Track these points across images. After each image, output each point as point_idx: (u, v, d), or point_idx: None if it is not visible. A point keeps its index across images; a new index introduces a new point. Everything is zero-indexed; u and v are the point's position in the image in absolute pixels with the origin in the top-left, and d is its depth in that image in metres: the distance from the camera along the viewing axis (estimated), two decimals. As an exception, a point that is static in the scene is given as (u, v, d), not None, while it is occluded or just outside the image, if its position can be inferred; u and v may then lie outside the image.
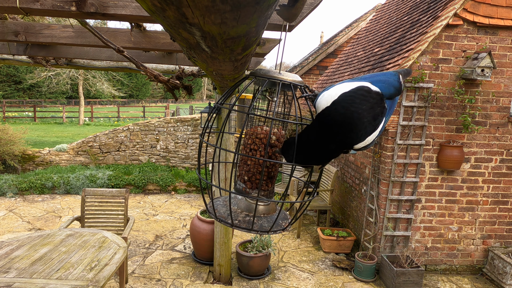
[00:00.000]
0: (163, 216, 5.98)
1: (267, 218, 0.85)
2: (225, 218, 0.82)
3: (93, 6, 1.45)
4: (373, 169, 4.35)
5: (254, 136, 0.85)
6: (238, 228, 0.80)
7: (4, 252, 2.70)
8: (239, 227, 0.79)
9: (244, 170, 0.87)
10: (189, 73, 3.08)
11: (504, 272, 3.91)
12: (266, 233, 0.80)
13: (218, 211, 0.84)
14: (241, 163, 0.89)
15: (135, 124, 8.21)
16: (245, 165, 0.87)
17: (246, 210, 0.85)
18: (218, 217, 0.82)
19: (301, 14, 1.31)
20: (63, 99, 32.05)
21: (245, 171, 0.86)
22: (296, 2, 0.76)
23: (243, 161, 0.88)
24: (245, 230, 0.79)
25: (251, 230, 0.79)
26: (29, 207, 6.15)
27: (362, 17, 8.26)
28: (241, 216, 0.83)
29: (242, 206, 0.86)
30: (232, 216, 0.80)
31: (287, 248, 4.83)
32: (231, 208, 0.80)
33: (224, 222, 0.81)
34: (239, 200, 0.87)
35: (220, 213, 0.84)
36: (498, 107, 4.01)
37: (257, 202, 0.83)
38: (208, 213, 0.85)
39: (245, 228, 0.79)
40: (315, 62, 7.83)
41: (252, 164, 0.86)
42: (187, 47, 0.75)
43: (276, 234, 0.89)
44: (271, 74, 0.79)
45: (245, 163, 0.87)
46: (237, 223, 0.80)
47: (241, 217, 0.83)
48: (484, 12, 3.78)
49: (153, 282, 3.78)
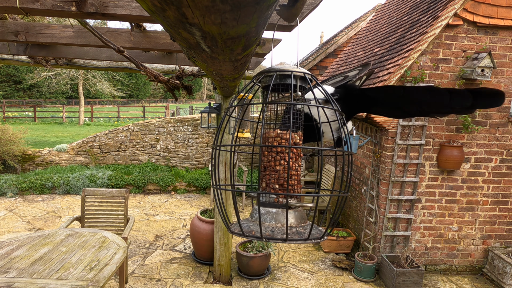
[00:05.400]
0: (163, 216, 5.98)
1: (298, 227, 0.79)
2: (254, 233, 0.75)
3: (93, 6, 1.45)
4: (373, 169, 4.35)
5: (279, 138, 0.81)
6: (272, 240, 0.73)
7: (4, 252, 2.70)
8: (275, 238, 0.73)
9: (273, 178, 0.80)
10: (189, 73, 3.08)
11: (504, 272, 3.90)
12: (303, 241, 0.74)
13: (247, 228, 0.78)
14: (267, 171, 0.81)
15: (135, 124, 8.21)
16: (274, 172, 0.80)
17: (278, 221, 0.78)
18: (247, 234, 0.75)
19: (301, 14, 1.31)
20: (63, 99, 32.04)
21: (275, 179, 0.80)
22: (296, 2, 0.76)
23: (270, 169, 0.81)
24: (280, 241, 0.73)
25: (286, 240, 0.73)
26: (29, 207, 6.14)
27: (362, 17, 8.25)
28: (271, 228, 0.76)
29: (278, 218, 0.79)
30: (261, 229, 0.74)
31: (287, 248, 4.83)
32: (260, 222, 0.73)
33: (253, 237, 0.74)
34: (272, 214, 0.79)
35: (250, 229, 0.77)
36: (498, 107, 4.01)
37: (288, 210, 0.77)
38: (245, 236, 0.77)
39: (280, 239, 0.73)
40: (315, 62, 7.82)
41: (281, 169, 0.80)
42: (187, 47, 0.75)
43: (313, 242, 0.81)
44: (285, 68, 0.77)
45: (273, 169, 0.81)
46: (269, 235, 0.74)
47: (272, 228, 0.76)
48: (484, 12, 3.78)
49: (153, 282, 3.78)
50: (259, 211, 0.75)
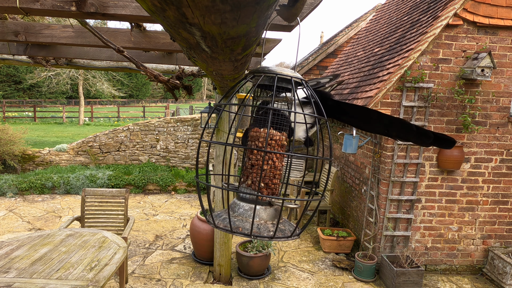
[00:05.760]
0: (163, 216, 5.98)
1: (274, 224, 0.81)
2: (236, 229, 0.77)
3: (93, 6, 1.45)
4: (373, 169, 4.35)
5: (269, 138, 0.82)
6: (259, 237, 0.75)
7: (4, 252, 2.70)
8: (260, 236, 0.75)
9: (259, 177, 0.81)
10: (189, 73, 3.08)
11: (504, 272, 3.91)
12: (286, 239, 0.76)
13: (221, 222, 0.80)
14: (254, 169, 0.83)
15: (135, 124, 8.21)
16: (260, 171, 0.81)
17: (265, 218, 0.80)
18: (234, 230, 0.77)
19: (301, 14, 1.31)
20: (63, 99, 32.04)
21: (260, 177, 0.81)
22: (296, 2, 0.76)
23: (257, 167, 0.82)
24: (267, 239, 0.75)
25: (272, 238, 0.75)
26: (29, 207, 6.14)
27: (362, 17, 8.25)
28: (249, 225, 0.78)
29: (262, 215, 0.81)
30: (253, 226, 0.75)
31: (287, 248, 4.83)
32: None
33: (239, 234, 0.76)
34: (257, 210, 0.81)
35: (232, 224, 0.78)
36: (498, 107, 4.01)
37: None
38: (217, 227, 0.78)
39: (266, 236, 0.75)
40: (315, 62, 7.82)
41: (268, 169, 0.82)
42: (187, 47, 0.75)
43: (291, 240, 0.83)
44: (282, 71, 0.78)
45: (259, 168, 0.82)
46: (256, 233, 0.76)
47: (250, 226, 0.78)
48: (484, 12, 3.78)
49: (153, 282, 3.78)
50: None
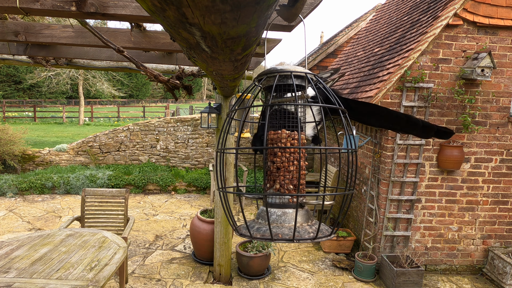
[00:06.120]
0: (163, 216, 5.98)
1: (304, 225, 0.79)
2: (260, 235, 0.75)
3: (93, 6, 1.45)
4: (373, 169, 4.35)
5: (290, 138, 0.81)
6: (279, 240, 0.73)
7: (4, 252, 2.70)
8: (283, 239, 0.73)
9: (287, 179, 0.80)
10: (189, 73, 3.08)
11: (504, 272, 3.90)
12: (310, 240, 0.74)
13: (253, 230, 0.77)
14: (281, 171, 0.81)
15: (135, 124, 8.21)
16: (287, 173, 0.81)
17: (286, 221, 0.78)
18: (253, 236, 0.75)
19: (301, 14, 1.31)
20: (63, 99, 32.05)
21: (288, 179, 0.80)
22: (296, 2, 0.76)
23: (283, 169, 0.81)
24: (309, 240, 0.72)
25: (293, 240, 0.72)
26: (29, 207, 6.14)
27: (362, 17, 8.25)
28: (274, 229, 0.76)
29: (286, 218, 0.78)
30: (271, 231, 0.73)
31: (287, 248, 4.83)
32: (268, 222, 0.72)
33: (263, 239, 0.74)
34: (281, 215, 0.79)
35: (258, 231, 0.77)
36: (498, 107, 4.01)
37: (298, 208, 0.76)
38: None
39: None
40: (315, 62, 7.82)
41: (295, 169, 0.81)
42: (187, 47, 0.75)
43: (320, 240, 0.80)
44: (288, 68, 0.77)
45: (286, 170, 0.81)
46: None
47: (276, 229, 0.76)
48: (484, 12, 3.78)
49: (153, 282, 3.78)
50: (267, 212, 0.75)
